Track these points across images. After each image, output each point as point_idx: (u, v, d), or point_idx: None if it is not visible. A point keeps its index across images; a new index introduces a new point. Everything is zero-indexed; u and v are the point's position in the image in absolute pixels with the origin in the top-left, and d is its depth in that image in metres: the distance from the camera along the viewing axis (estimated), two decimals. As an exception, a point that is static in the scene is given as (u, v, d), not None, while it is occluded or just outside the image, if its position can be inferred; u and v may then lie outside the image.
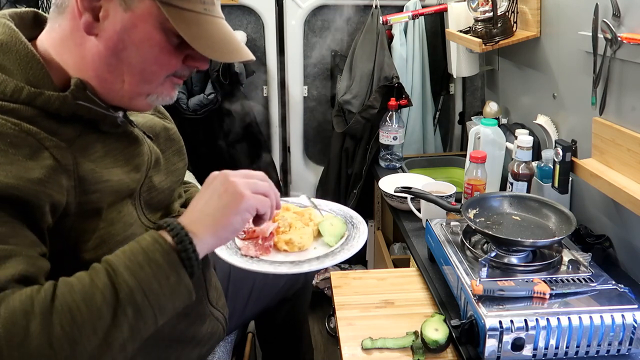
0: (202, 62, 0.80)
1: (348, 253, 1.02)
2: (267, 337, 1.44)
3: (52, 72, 0.73)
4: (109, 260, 0.68)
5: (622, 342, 0.89)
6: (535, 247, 1.05)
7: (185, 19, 0.72)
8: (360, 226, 1.12)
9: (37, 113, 0.70)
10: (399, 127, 1.88)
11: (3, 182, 0.63)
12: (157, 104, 0.82)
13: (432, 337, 0.95)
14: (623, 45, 1.06)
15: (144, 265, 0.67)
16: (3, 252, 0.62)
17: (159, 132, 0.95)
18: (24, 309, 0.60)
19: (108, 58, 0.74)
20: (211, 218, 0.75)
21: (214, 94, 1.98)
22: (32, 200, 0.65)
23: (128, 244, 0.71)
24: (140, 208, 0.85)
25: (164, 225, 0.73)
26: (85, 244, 0.74)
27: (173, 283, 0.69)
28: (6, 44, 0.71)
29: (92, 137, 0.77)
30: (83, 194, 0.72)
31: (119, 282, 0.65)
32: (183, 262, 0.71)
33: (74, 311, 0.62)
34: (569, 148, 1.22)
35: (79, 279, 0.65)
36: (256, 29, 2.18)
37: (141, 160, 0.84)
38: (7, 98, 0.68)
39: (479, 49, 1.55)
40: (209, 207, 0.76)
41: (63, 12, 0.75)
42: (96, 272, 0.66)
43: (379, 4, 2.06)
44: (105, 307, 0.63)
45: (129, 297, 0.65)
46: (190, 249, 0.71)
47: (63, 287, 0.64)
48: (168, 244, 0.70)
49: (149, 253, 0.69)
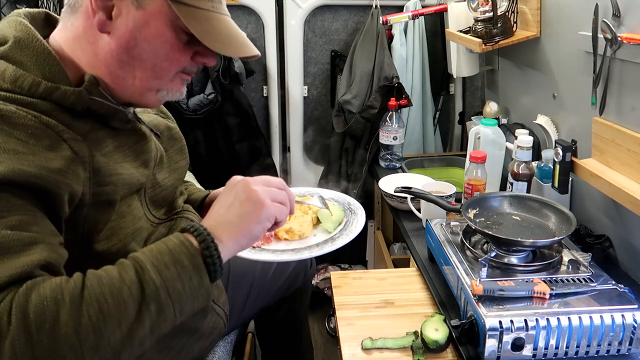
0: (210, 58, 0.82)
1: (347, 238, 1.03)
2: (267, 337, 1.44)
3: (66, 69, 0.75)
4: (136, 258, 0.70)
5: (622, 342, 0.89)
6: (535, 247, 1.05)
7: (195, 16, 0.75)
8: (358, 211, 1.14)
9: (53, 107, 0.72)
10: (399, 127, 1.88)
11: (26, 171, 0.65)
12: (167, 99, 0.84)
13: (432, 337, 0.95)
14: (623, 45, 1.06)
15: (170, 265, 0.69)
16: (28, 238, 0.64)
17: (162, 131, 0.97)
18: (54, 297, 0.61)
19: (120, 55, 0.76)
20: (233, 225, 0.78)
21: (214, 94, 1.98)
22: (54, 189, 0.67)
23: (155, 243, 0.73)
24: (145, 204, 0.88)
25: (190, 229, 0.75)
26: (97, 234, 0.76)
27: (195, 285, 0.71)
28: (23, 40, 0.73)
29: (103, 133, 0.79)
30: (97, 186, 0.74)
31: (145, 279, 0.67)
32: (207, 266, 0.73)
33: (101, 302, 0.63)
34: (569, 148, 1.22)
35: (107, 272, 0.67)
36: (256, 29, 2.18)
37: (149, 156, 0.87)
38: (25, 92, 0.70)
39: (479, 49, 1.55)
40: (231, 214, 0.78)
41: (76, 12, 0.77)
42: (124, 267, 0.68)
43: (379, 4, 2.06)
44: (131, 302, 0.65)
45: (154, 294, 0.67)
46: (216, 255, 0.73)
47: (92, 278, 0.65)
48: (194, 247, 0.72)
49: (175, 254, 0.71)
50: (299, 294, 1.37)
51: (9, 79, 0.70)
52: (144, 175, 0.84)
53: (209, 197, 1.08)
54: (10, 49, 0.73)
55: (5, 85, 0.70)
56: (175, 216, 0.95)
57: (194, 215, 0.97)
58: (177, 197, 1.00)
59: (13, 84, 0.70)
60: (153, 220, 0.89)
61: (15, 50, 0.73)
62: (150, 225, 0.88)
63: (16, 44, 0.73)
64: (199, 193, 1.11)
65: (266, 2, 2.12)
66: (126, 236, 0.80)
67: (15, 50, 0.73)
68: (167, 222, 0.93)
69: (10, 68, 0.71)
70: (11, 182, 0.64)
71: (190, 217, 0.96)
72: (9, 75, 0.70)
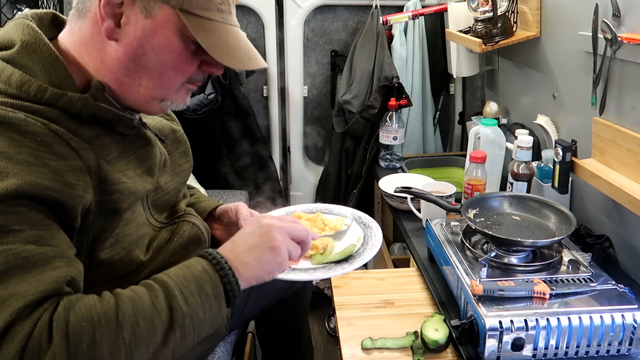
0: (217, 68, 0.82)
1: (371, 252, 1.03)
2: (267, 337, 1.44)
3: (72, 73, 0.75)
4: (165, 282, 0.72)
5: (622, 342, 0.89)
6: (535, 247, 1.05)
7: (204, 27, 0.75)
8: (372, 225, 1.14)
9: (59, 114, 0.72)
10: (399, 127, 1.88)
11: (42, 184, 0.65)
12: (170, 109, 0.84)
13: (432, 337, 0.95)
14: (623, 45, 1.06)
15: (195, 293, 0.72)
16: (51, 252, 0.65)
17: (167, 134, 0.97)
18: (91, 318, 0.63)
19: (127, 63, 0.76)
20: (250, 268, 0.79)
21: (214, 94, 1.98)
22: (67, 201, 0.68)
23: (179, 267, 0.75)
24: (147, 208, 0.88)
25: (209, 258, 0.77)
26: (102, 242, 0.76)
27: (215, 312, 0.74)
28: (30, 44, 0.73)
29: (108, 138, 0.78)
30: (102, 194, 0.74)
31: (174, 306, 0.70)
32: (227, 296, 0.75)
33: (134, 326, 0.66)
34: (569, 148, 1.22)
35: (139, 295, 0.69)
36: (256, 29, 2.18)
37: (153, 162, 0.87)
38: (31, 98, 0.70)
39: (479, 49, 1.55)
40: (251, 257, 0.80)
41: (84, 17, 0.76)
42: (154, 291, 0.70)
43: (379, 4, 2.06)
44: (160, 327, 0.68)
45: (180, 321, 0.70)
46: (236, 289, 0.76)
47: (126, 301, 0.68)
48: (217, 276, 0.75)
49: (200, 282, 0.73)
50: (299, 294, 1.37)
51: (15, 85, 0.70)
52: (148, 183, 0.85)
53: (219, 210, 1.07)
54: (17, 53, 0.72)
55: (12, 90, 0.69)
56: (177, 220, 0.94)
57: (196, 219, 0.97)
58: (180, 200, 0.99)
59: (19, 90, 0.70)
60: (155, 225, 0.89)
61: (22, 54, 0.72)
62: (153, 230, 0.88)
63: (23, 48, 0.72)
64: (208, 202, 1.10)
65: (266, 2, 2.12)
66: (130, 243, 0.81)
67: (22, 54, 0.72)
68: (169, 226, 0.92)
69: (16, 73, 0.70)
70: (28, 196, 0.64)
71: (192, 220, 0.95)
72: (15, 80, 0.70)
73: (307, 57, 2.25)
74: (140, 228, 0.83)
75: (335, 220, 1.15)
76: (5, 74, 0.70)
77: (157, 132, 0.92)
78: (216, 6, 0.75)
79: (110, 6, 0.73)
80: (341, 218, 1.17)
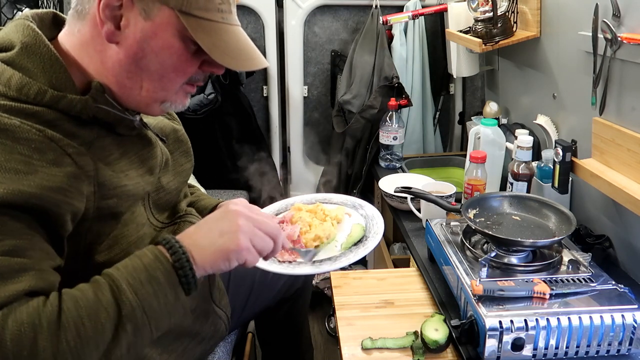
0: (219, 67, 0.81)
1: (374, 240, 1.05)
2: (267, 337, 1.44)
3: (73, 75, 0.74)
4: (111, 276, 0.69)
5: (622, 342, 0.89)
6: (535, 247, 1.05)
7: (204, 28, 0.74)
8: (374, 214, 1.16)
9: (58, 116, 0.71)
10: (399, 127, 1.88)
11: (25, 191, 0.64)
12: (170, 110, 0.84)
13: (432, 337, 0.95)
14: (623, 45, 1.06)
15: (145, 283, 0.69)
16: (19, 265, 0.64)
17: (168, 134, 0.97)
18: (31, 322, 0.61)
19: (128, 65, 0.75)
20: (204, 250, 0.75)
21: (214, 94, 1.98)
22: (53, 209, 0.66)
23: (129, 257, 0.72)
24: (149, 208, 0.87)
25: (164, 243, 0.74)
26: (99, 245, 0.76)
27: (171, 301, 0.71)
28: (30, 46, 0.72)
29: (108, 140, 0.78)
30: (101, 199, 0.74)
31: (122, 299, 0.67)
32: (182, 283, 0.72)
33: (79, 327, 0.63)
34: (569, 148, 1.22)
35: (83, 293, 0.66)
36: (256, 29, 2.18)
37: (154, 162, 0.86)
38: (30, 100, 0.69)
39: (479, 49, 1.55)
40: (205, 240, 0.76)
41: (83, 19, 0.76)
42: (100, 286, 0.68)
43: (379, 4, 2.06)
44: (108, 324, 0.65)
45: (130, 315, 0.67)
46: (190, 275, 0.72)
47: (69, 301, 0.65)
48: (169, 262, 0.72)
49: (151, 271, 0.70)
50: (299, 294, 1.37)
51: (14, 87, 0.69)
52: (149, 183, 0.84)
53: (219, 207, 1.07)
54: (17, 55, 0.72)
55: (11, 93, 0.69)
56: (178, 220, 0.94)
57: (197, 219, 0.97)
58: (181, 200, 0.99)
59: (19, 92, 0.69)
60: (156, 225, 0.89)
61: (22, 56, 0.72)
62: (154, 230, 0.88)
63: (23, 49, 0.72)
64: (209, 200, 1.10)
65: (266, 2, 2.12)
66: (129, 245, 0.79)
67: (22, 56, 0.72)
68: (170, 225, 0.92)
69: (16, 75, 0.70)
70: (9, 205, 0.63)
71: (193, 221, 0.95)
72: (15, 82, 0.69)
73: (307, 57, 2.25)
74: (140, 229, 0.82)
75: (336, 210, 1.15)
76: (5, 76, 0.70)
77: (159, 132, 0.92)
78: (216, 6, 0.75)
79: (109, 9, 0.72)
80: (341, 207, 1.17)
